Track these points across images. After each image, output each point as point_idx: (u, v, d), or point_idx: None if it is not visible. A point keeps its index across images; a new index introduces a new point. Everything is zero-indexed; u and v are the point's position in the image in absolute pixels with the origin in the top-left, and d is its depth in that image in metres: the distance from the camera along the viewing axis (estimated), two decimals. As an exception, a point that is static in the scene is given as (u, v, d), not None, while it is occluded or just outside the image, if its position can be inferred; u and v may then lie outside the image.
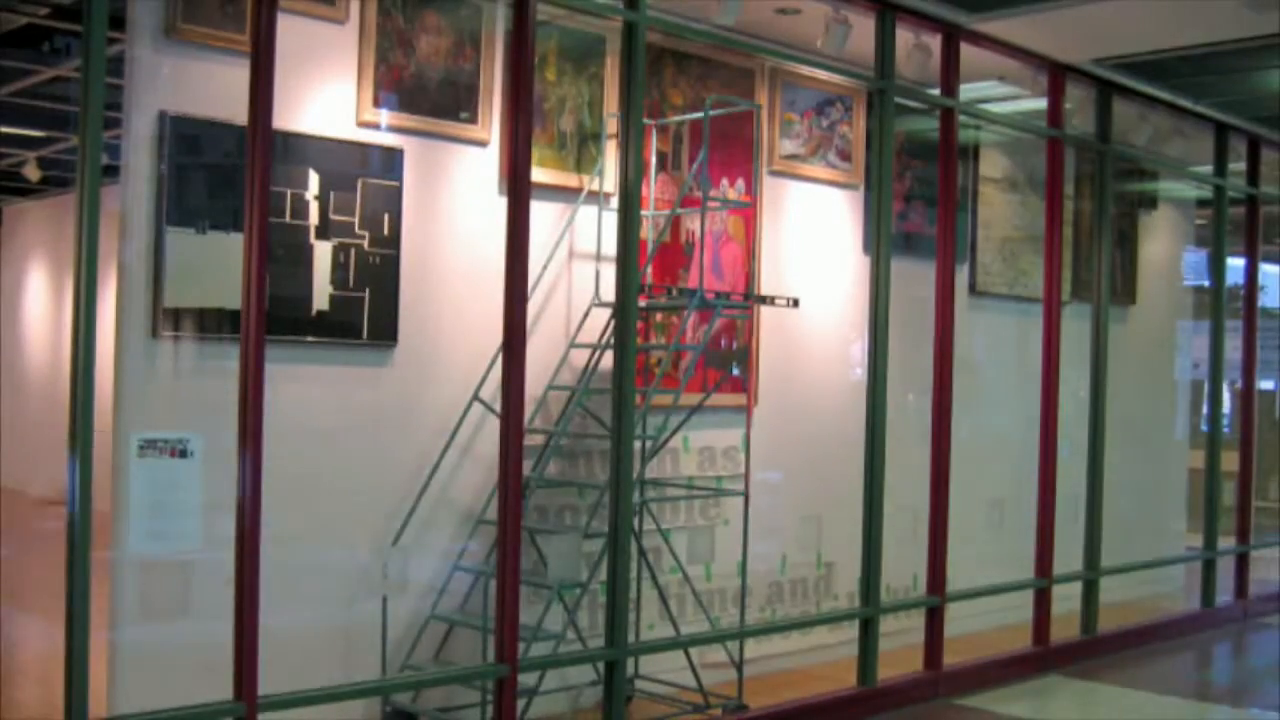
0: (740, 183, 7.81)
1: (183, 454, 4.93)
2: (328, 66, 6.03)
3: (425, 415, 6.41)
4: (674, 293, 7.34)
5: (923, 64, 7.73)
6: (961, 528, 8.21)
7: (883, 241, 7.57)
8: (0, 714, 6.58)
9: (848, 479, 7.63)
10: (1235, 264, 11.26)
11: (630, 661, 6.89)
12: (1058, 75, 8.72)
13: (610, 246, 6.70)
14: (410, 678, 5.87)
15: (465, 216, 6.55)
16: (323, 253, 5.98)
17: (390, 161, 6.24)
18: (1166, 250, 11.63)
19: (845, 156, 8.48)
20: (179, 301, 5.50)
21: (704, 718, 6.89)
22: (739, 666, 7.05)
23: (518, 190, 5.92)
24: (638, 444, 6.69)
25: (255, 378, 5.02)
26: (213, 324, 5.61)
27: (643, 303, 6.86)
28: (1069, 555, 9.14)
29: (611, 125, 6.91)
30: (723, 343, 7.71)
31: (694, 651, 7.12)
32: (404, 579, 6.24)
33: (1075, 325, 9.49)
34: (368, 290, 6.13)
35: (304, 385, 5.91)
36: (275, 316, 5.50)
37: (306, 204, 5.91)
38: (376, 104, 6.18)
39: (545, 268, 6.85)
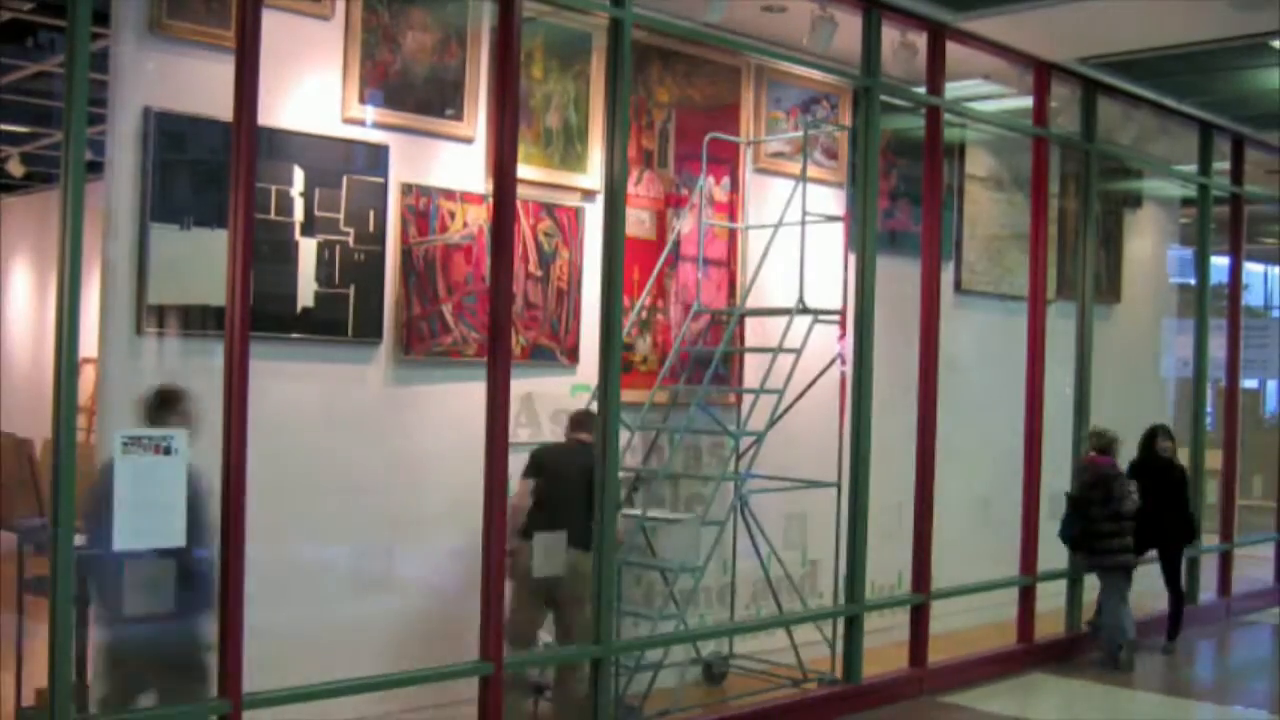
0: (726, 180, 7.82)
1: (167, 451, 4.91)
2: (313, 63, 6.02)
3: (411, 411, 6.41)
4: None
5: (908, 62, 7.73)
6: (946, 525, 8.23)
7: (868, 239, 7.58)
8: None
9: (833, 475, 7.64)
10: (1220, 263, 11.30)
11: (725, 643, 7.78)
12: (1043, 74, 8.73)
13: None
14: (401, 675, 5.85)
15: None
16: (307, 249, 5.97)
17: (375, 158, 6.23)
18: (1151, 249, 11.67)
19: (831, 154, 8.49)
20: (163, 298, 5.48)
21: (800, 692, 7.26)
22: (831, 643, 7.55)
23: (503, 187, 5.91)
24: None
25: (240, 374, 5.00)
26: (197, 320, 5.59)
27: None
28: (1058, 552, 9.18)
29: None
30: (701, 343, 7.70)
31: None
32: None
33: (1060, 323, 9.52)
34: (352, 287, 6.12)
35: (288, 382, 5.89)
36: (260, 313, 5.48)
37: (291, 200, 5.90)
38: (362, 100, 6.17)
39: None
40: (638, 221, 7.29)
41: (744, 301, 7.77)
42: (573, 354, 7.06)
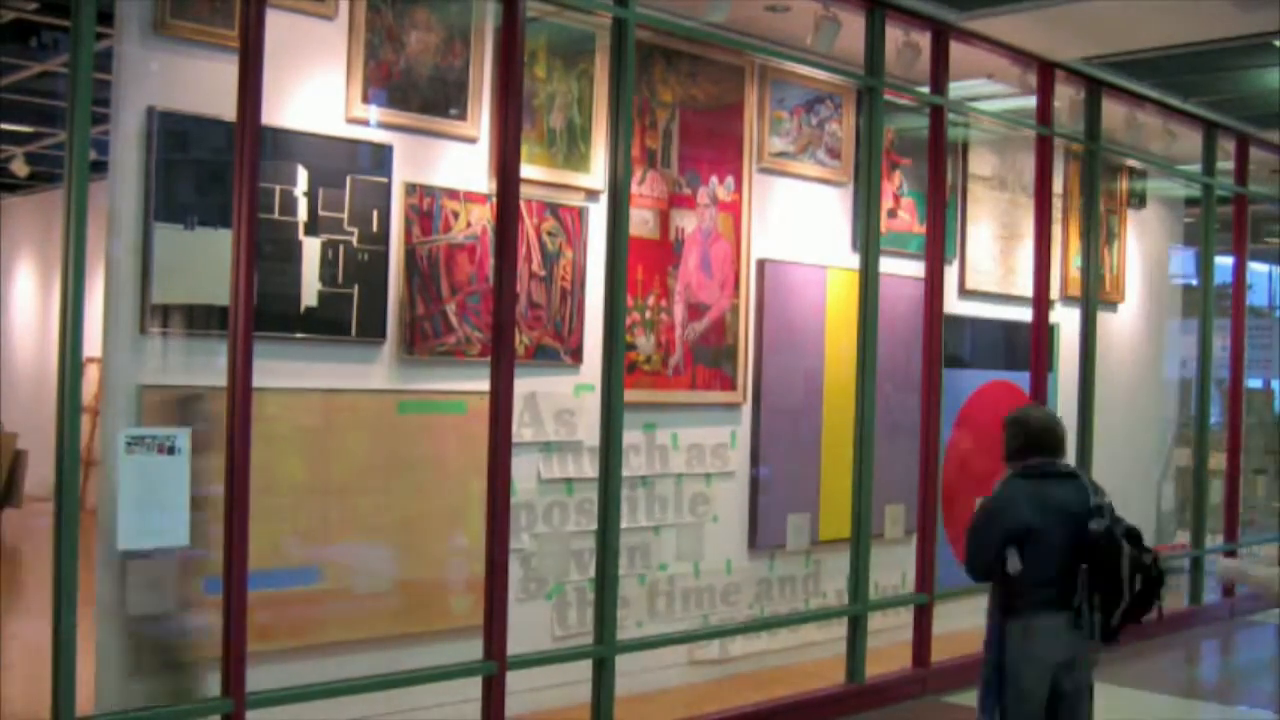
0: (730, 180, 7.82)
1: (170, 450, 4.92)
2: (317, 62, 6.02)
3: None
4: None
5: (912, 62, 7.73)
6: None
7: (871, 239, 7.59)
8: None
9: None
10: (1224, 262, 11.29)
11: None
12: (1047, 73, 8.73)
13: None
14: (402, 675, 5.86)
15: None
16: (311, 249, 5.97)
17: (379, 158, 6.23)
18: (1154, 249, 11.66)
19: (834, 154, 8.48)
20: (167, 298, 5.48)
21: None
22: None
23: (506, 187, 5.92)
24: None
25: (243, 374, 5.02)
26: (201, 320, 5.60)
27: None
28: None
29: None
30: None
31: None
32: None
33: (1064, 324, 9.53)
34: (356, 287, 6.12)
35: (292, 381, 5.89)
36: (264, 313, 5.49)
37: (295, 200, 5.90)
38: (366, 100, 6.17)
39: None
40: (641, 221, 7.29)
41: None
42: (576, 354, 7.06)
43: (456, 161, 6.53)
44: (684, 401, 7.58)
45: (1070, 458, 9.13)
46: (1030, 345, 8.85)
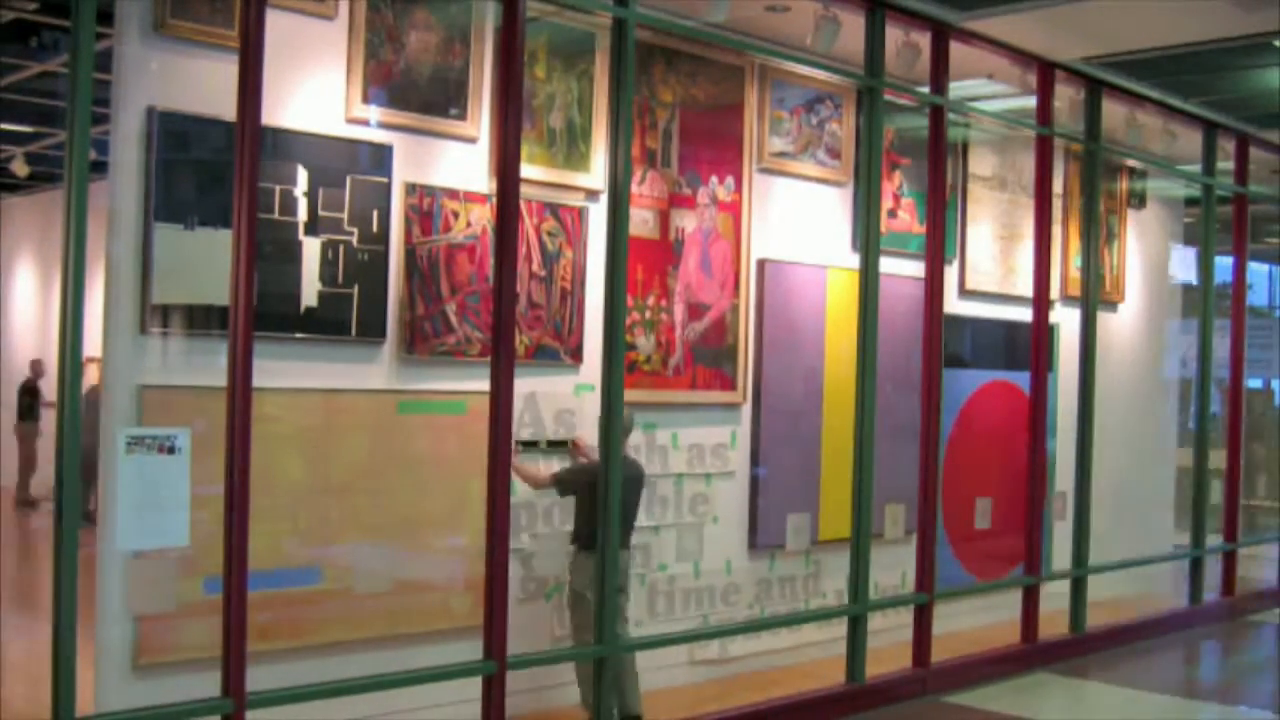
0: (730, 180, 7.81)
1: (171, 450, 4.92)
2: (317, 62, 6.02)
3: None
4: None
5: (912, 62, 7.73)
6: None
7: (871, 239, 7.58)
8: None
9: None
10: (1224, 262, 11.29)
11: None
12: (1046, 73, 8.72)
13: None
14: (402, 675, 5.86)
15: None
16: (311, 249, 5.96)
17: (379, 158, 6.23)
18: (1154, 248, 11.65)
19: (834, 154, 8.48)
20: (167, 298, 5.48)
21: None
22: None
23: (506, 187, 5.92)
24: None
25: (243, 374, 5.01)
26: (201, 320, 5.60)
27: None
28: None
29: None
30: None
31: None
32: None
33: (1064, 324, 9.51)
34: (356, 286, 6.12)
35: (292, 381, 5.89)
36: (264, 313, 5.49)
37: (295, 200, 5.90)
38: (365, 100, 6.17)
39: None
40: (641, 221, 7.29)
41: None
42: (576, 353, 7.06)
43: (456, 161, 6.53)
44: (684, 401, 7.58)
45: (1069, 457, 9.37)
46: (1030, 345, 8.84)
